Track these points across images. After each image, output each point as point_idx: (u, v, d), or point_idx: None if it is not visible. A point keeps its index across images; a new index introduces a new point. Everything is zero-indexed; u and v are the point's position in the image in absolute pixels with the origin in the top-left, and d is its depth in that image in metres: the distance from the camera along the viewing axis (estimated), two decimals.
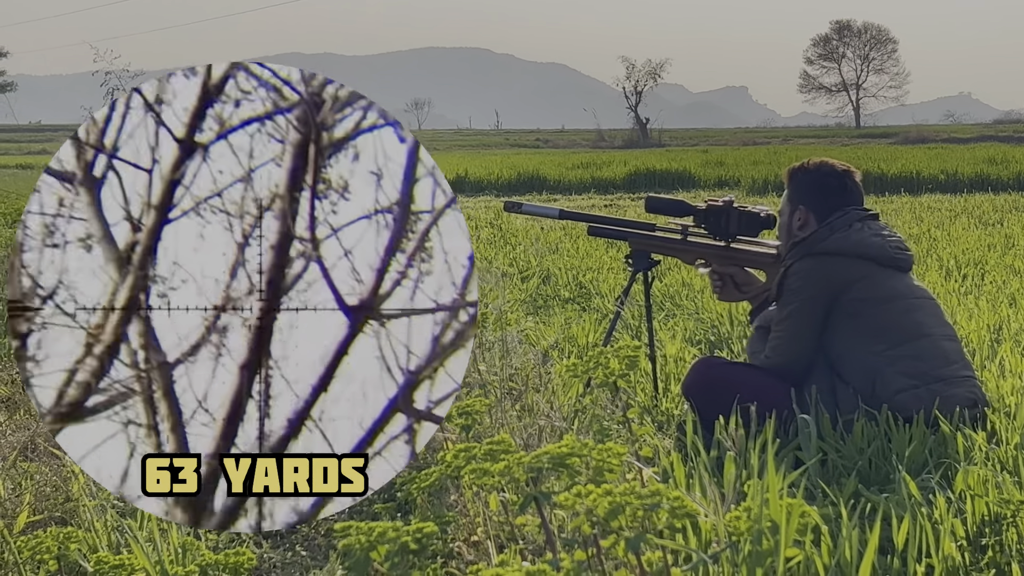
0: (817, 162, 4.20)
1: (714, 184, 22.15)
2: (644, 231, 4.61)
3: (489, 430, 3.82)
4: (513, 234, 11.86)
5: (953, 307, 6.16)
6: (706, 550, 2.39)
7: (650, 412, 4.46)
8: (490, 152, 42.58)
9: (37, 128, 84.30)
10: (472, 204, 18.83)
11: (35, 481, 3.62)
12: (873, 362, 3.76)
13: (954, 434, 3.50)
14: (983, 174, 20.62)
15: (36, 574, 2.81)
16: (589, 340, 5.82)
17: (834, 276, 3.91)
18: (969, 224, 11.89)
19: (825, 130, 69.38)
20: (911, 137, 46.44)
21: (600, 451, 2.29)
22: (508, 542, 3.06)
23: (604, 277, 8.24)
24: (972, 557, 2.87)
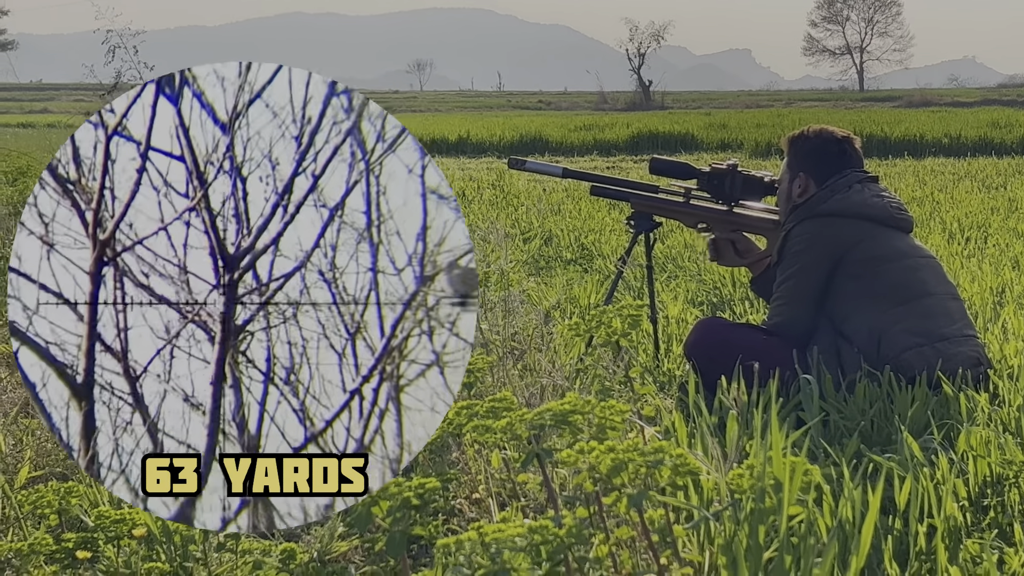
0: (817, 129, 4.18)
1: (717, 147, 22.06)
2: (647, 192, 4.59)
3: (491, 388, 3.82)
4: (515, 195, 11.83)
5: (956, 270, 6.15)
6: (708, 508, 2.39)
7: (651, 373, 4.45)
8: (492, 114, 42.44)
9: (39, 87, 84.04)
10: (474, 165, 18.78)
11: (36, 437, 3.62)
12: (878, 321, 3.76)
13: (956, 395, 3.50)
14: (987, 138, 20.54)
15: (37, 528, 2.82)
16: (591, 301, 5.81)
17: (836, 237, 3.90)
18: (972, 187, 11.86)
19: (829, 93, 69.14)
20: (915, 100, 46.30)
21: (603, 408, 2.28)
22: (510, 499, 3.06)
23: (606, 239, 8.23)
24: (974, 517, 2.87)
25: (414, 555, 2.85)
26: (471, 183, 13.52)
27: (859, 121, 23.69)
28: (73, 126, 26.11)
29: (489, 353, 4.15)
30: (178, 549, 2.62)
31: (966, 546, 2.60)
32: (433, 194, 2.34)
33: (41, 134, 24.59)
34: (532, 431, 2.27)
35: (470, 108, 53.15)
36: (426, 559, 2.83)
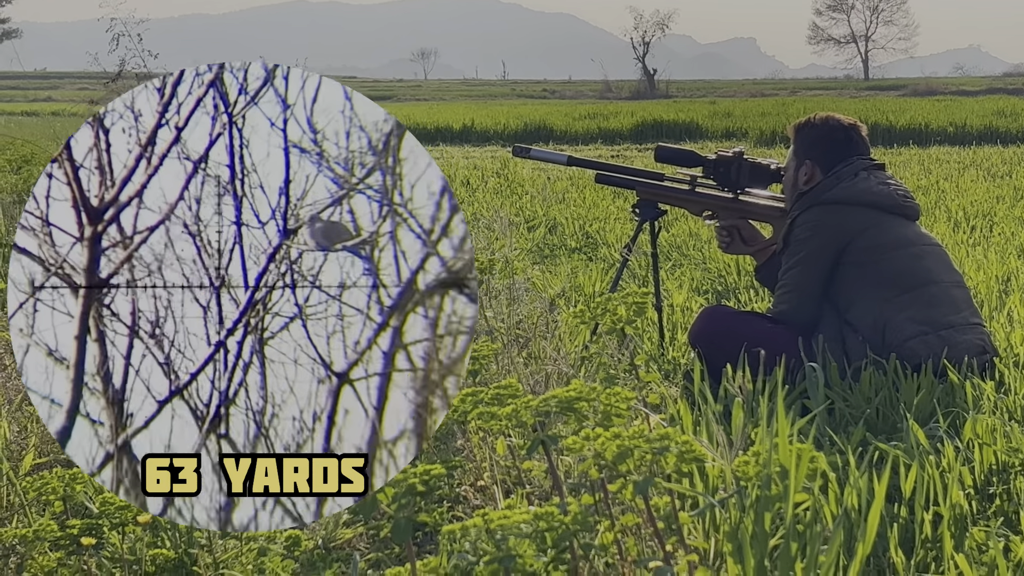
0: (823, 116, 4.17)
1: (721, 135, 22.04)
2: (652, 180, 4.58)
3: (496, 376, 3.82)
4: (520, 184, 11.82)
5: (961, 258, 6.14)
6: (714, 495, 2.39)
7: (656, 361, 4.45)
8: (497, 102, 42.41)
9: (42, 75, 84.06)
10: (479, 154, 18.77)
11: (40, 424, 3.62)
12: (883, 309, 3.75)
13: (962, 383, 3.49)
14: (992, 126, 20.51)
15: (42, 515, 2.82)
16: (595, 289, 5.81)
17: (842, 225, 3.89)
18: (978, 176, 11.84)
19: (834, 82, 69.02)
20: (920, 89, 46.21)
21: (608, 395, 2.27)
22: (515, 487, 3.06)
23: (611, 227, 8.22)
24: (980, 505, 2.87)
25: (419, 542, 2.85)
26: (475, 172, 13.51)
27: (864, 110, 23.66)
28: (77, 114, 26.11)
29: (494, 341, 4.15)
30: (183, 536, 2.62)
31: (972, 534, 2.60)
32: (295, 147, 2.33)
33: (45, 122, 24.61)
34: (537, 418, 2.27)
35: (474, 97, 53.11)
36: (431, 546, 2.83)
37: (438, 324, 2.30)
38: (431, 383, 2.27)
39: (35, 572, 2.45)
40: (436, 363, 2.28)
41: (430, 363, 2.29)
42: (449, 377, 2.26)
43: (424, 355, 2.29)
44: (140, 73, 16.77)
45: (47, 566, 2.46)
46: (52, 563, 2.46)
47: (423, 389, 2.27)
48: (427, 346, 2.29)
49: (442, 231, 2.31)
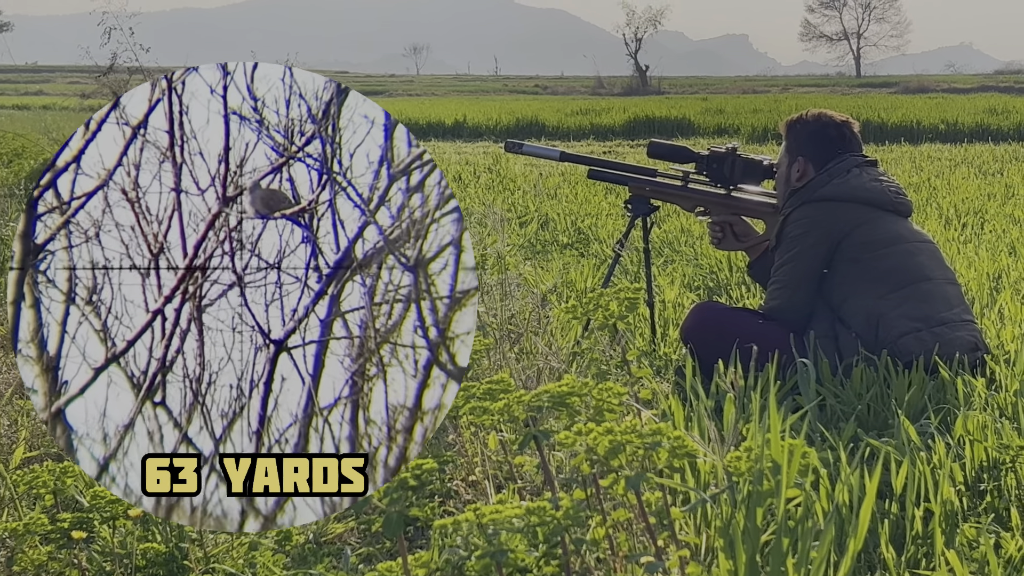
0: (815, 113, 4.17)
1: (713, 132, 22.04)
2: (645, 176, 4.58)
3: (488, 371, 3.82)
4: (512, 179, 11.81)
5: (953, 255, 6.15)
6: (705, 491, 2.39)
7: (648, 357, 4.45)
8: (489, 98, 42.37)
9: (34, 68, 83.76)
10: (470, 150, 18.75)
11: (31, 418, 3.61)
12: (876, 306, 3.75)
13: (953, 380, 3.50)
14: (983, 124, 20.53)
15: (32, 509, 2.81)
16: (587, 285, 5.81)
17: (835, 221, 3.90)
18: (969, 173, 11.85)
19: (826, 79, 69.00)
20: (911, 87, 46.21)
21: (600, 390, 2.27)
22: (506, 482, 3.06)
23: (603, 223, 8.22)
24: (970, 502, 2.87)
25: (410, 537, 2.85)
26: (467, 167, 13.50)
27: (856, 107, 23.67)
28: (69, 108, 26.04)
29: (486, 336, 4.15)
30: (174, 530, 2.61)
31: (963, 530, 2.61)
32: (235, 114, 2.33)
33: (36, 116, 24.54)
34: (529, 413, 2.27)
35: (467, 92, 53.03)
36: (422, 541, 2.83)
37: (375, 292, 2.30)
38: (367, 351, 2.28)
39: (25, 565, 2.45)
40: (372, 331, 2.29)
41: (367, 331, 2.29)
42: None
43: (361, 323, 2.29)
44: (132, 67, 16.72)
45: (37, 559, 2.45)
46: (42, 557, 2.45)
47: (359, 357, 2.28)
48: (364, 314, 2.30)
49: (380, 200, 2.32)
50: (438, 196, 2.33)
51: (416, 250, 2.30)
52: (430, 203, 2.32)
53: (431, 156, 2.33)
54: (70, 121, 18.43)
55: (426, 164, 2.34)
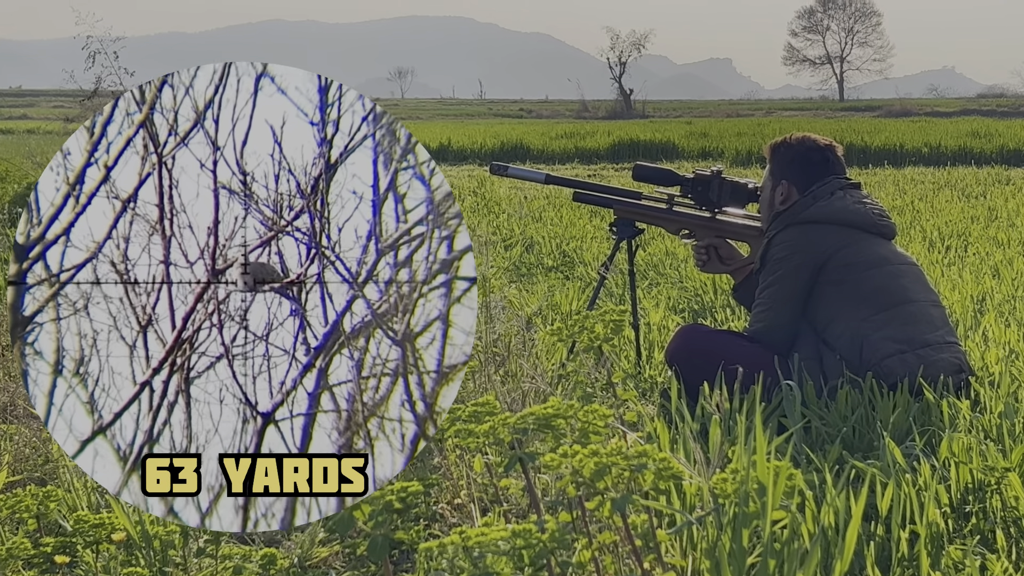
0: (799, 137, 4.19)
1: (698, 155, 22.12)
2: (630, 199, 4.59)
3: (473, 393, 3.81)
4: (496, 202, 11.83)
5: (937, 278, 6.17)
6: (691, 513, 2.38)
7: (633, 379, 4.45)
8: (473, 121, 42.46)
9: (18, 93, 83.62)
10: (455, 173, 18.77)
11: (14, 442, 3.60)
12: (860, 328, 3.76)
13: (938, 402, 3.50)
14: (966, 147, 20.67)
15: (15, 533, 2.79)
16: (572, 307, 5.81)
17: (818, 244, 3.91)
18: (952, 196, 11.90)
19: (809, 102, 69.35)
20: (895, 110, 46.44)
21: (586, 412, 2.27)
22: (492, 504, 3.05)
23: (588, 246, 8.23)
24: (956, 524, 2.87)
25: (395, 560, 2.84)
26: (452, 190, 13.49)
27: (839, 130, 23.79)
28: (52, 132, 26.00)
29: (471, 359, 4.14)
30: (157, 554, 2.60)
31: (948, 552, 2.60)
32: (224, 189, 2.34)
33: (20, 140, 24.46)
34: (515, 435, 2.26)
35: (451, 116, 53.15)
36: (407, 564, 2.81)
37: (363, 365, 2.31)
38: (355, 424, 2.29)
39: None
40: (360, 404, 2.30)
41: (354, 404, 2.30)
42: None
43: (349, 396, 2.31)
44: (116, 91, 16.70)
45: None
46: None
47: (347, 430, 2.29)
48: (352, 387, 2.31)
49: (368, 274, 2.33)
50: (426, 271, 2.35)
51: (404, 324, 2.32)
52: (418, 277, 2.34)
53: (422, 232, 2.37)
54: (54, 145, 18.38)
55: (415, 239, 2.36)
